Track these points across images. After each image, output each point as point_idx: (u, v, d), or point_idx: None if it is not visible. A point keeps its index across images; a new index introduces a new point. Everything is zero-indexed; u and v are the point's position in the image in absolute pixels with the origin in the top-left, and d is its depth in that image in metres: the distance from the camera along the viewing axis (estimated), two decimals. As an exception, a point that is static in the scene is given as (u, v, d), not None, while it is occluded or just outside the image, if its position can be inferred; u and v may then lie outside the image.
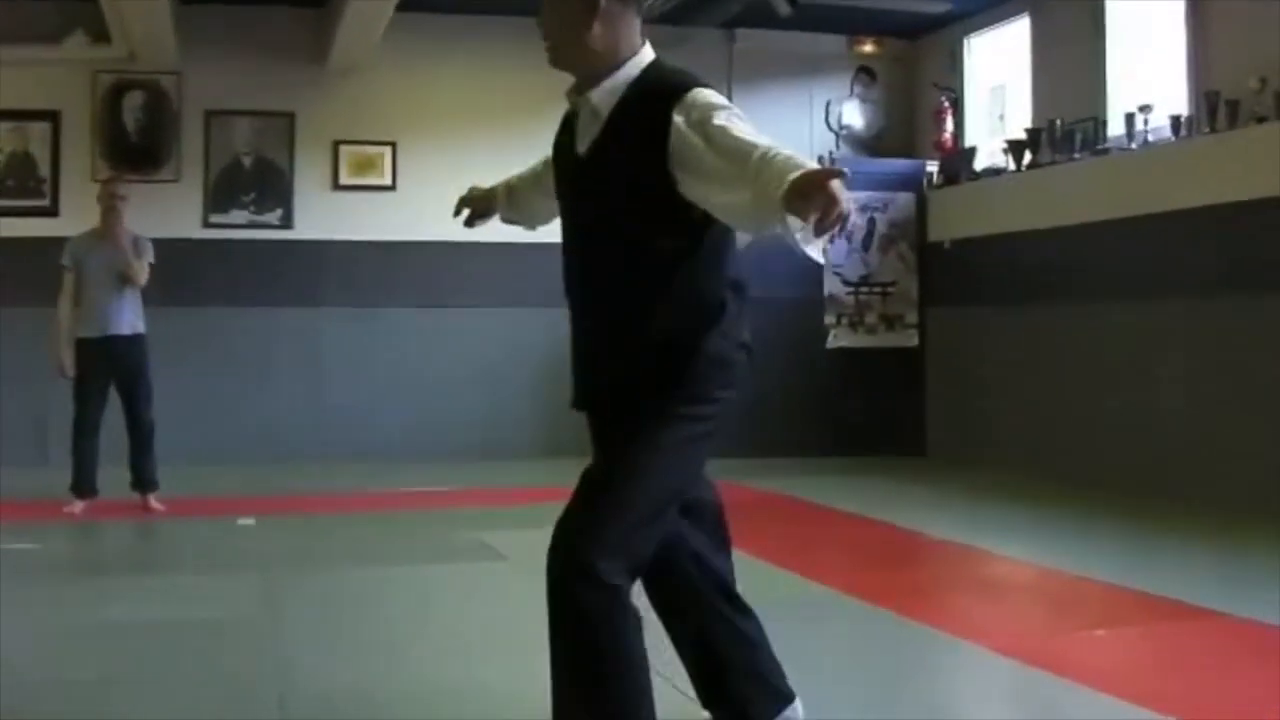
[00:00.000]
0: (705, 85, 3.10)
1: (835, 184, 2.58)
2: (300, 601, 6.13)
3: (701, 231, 3.13)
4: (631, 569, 3.05)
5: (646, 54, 3.23)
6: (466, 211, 4.02)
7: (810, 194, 2.61)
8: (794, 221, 2.69)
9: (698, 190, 3.01)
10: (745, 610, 3.64)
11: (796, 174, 2.66)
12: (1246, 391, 8.50)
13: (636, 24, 3.22)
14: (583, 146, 3.24)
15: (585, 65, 3.20)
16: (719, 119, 2.98)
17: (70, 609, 5.86)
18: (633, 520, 3.05)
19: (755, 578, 5.53)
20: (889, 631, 5.47)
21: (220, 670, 4.81)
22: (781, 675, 3.66)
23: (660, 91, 3.10)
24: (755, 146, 2.87)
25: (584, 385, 3.35)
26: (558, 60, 3.25)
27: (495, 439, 11.80)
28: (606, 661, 3.01)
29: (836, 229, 2.65)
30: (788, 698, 3.66)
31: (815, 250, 2.75)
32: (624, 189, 3.13)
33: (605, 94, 3.17)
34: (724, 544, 3.66)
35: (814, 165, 2.70)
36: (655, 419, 3.12)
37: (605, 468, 3.17)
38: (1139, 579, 6.24)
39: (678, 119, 3.01)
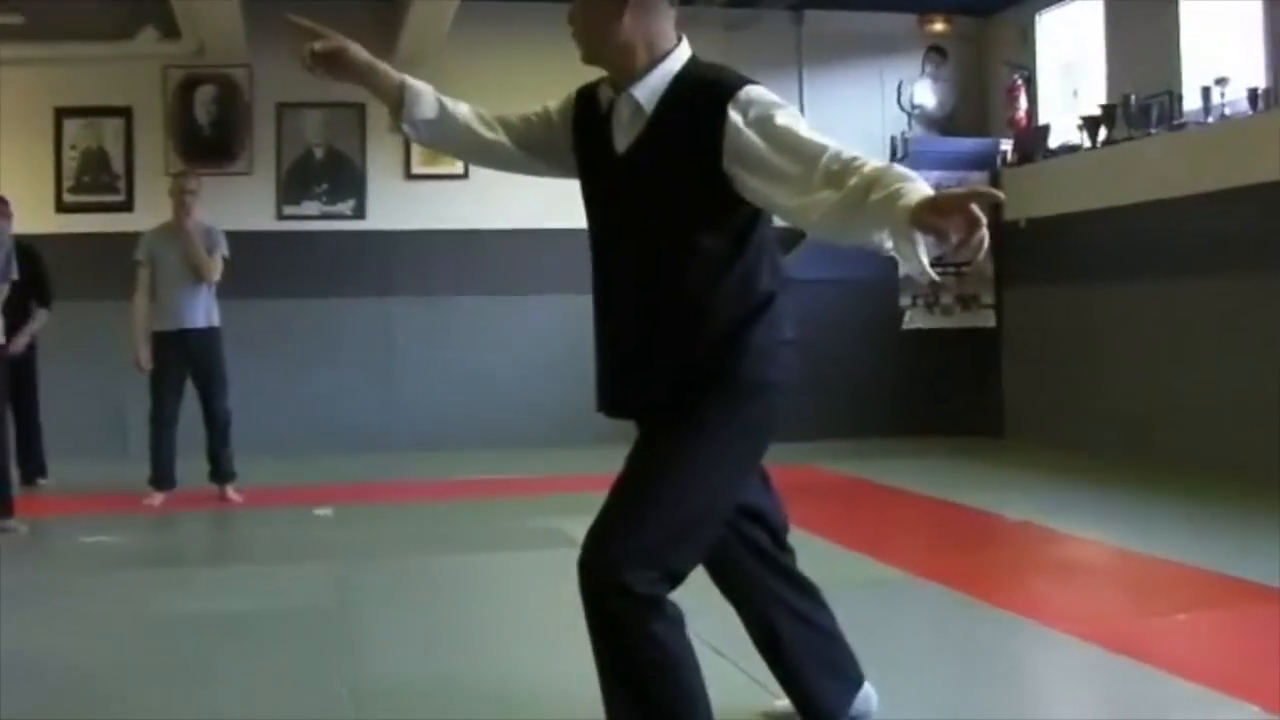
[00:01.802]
0: (754, 82, 3.03)
1: (976, 206, 2.48)
2: (375, 591, 6.15)
3: (749, 227, 3.07)
4: (668, 577, 2.94)
5: (684, 49, 3.13)
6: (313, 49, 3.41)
7: (952, 213, 2.50)
8: (920, 238, 2.57)
9: (761, 190, 2.93)
10: (809, 592, 3.59)
11: (934, 192, 2.57)
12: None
13: (671, 16, 3.13)
14: (623, 144, 3.12)
15: (618, 59, 3.10)
16: (781, 119, 2.92)
17: (146, 600, 5.91)
18: (668, 528, 2.95)
19: (829, 561, 5.51)
20: (964, 615, 5.41)
21: (292, 660, 4.83)
22: (852, 659, 3.62)
23: (711, 87, 3.02)
24: (825, 148, 2.83)
25: (619, 389, 3.22)
26: (588, 54, 3.15)
27: (570, 426, 11.73)
28: (645, 669, 2.95)
29: (977, 253, 2.50)
30: (857, 682, 3.62)
31: (930, 267, 2.62)
32: (671, 186, 3.03)
33: (648, 90, 3.07)
34: (781, 526, 3.60)
35: (918, 178, 2.63)
36: (696, 419, 3.03)
37: (641, 471, 3.05)
38: (1222, 561, 6.14)
39: (734, 116, 2.94)
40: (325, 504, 8.55)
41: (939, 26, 12.99)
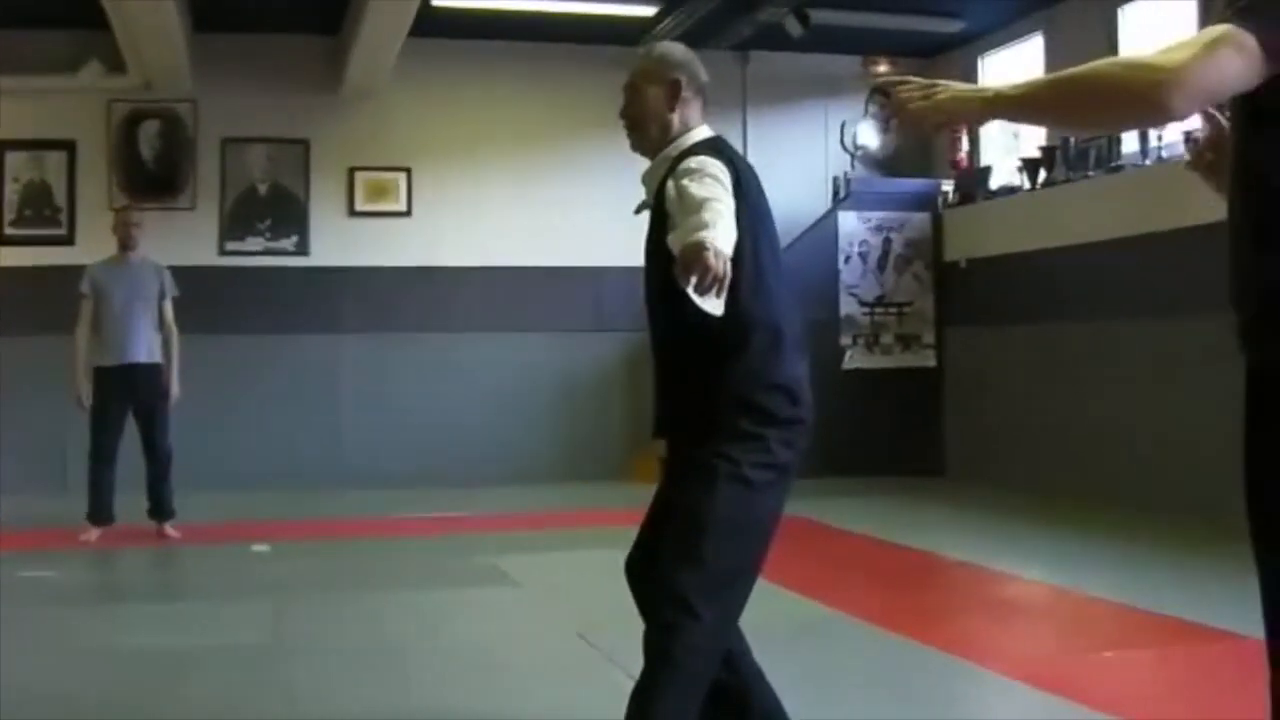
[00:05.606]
0: (712, 156, 3.28)
1: (709, 254, 2.79)
2: (311, 628, 6.13)
3: None
4: (713, 599, 3.23)
5: (698, 132, 3.50)
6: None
7: (688, 263, 2.81)
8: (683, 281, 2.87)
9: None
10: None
11: (684, 243, 2.88)
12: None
13: (699, 106, 3.55)
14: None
15: (658, 143, 3.49)
16: (686, 179, 3.17)
17: (82, 636, 5.88)
18: (705, 559, 3.24)
19: (765, 600, 5.51)
20: (899, 656, 5.44)
21: (226, 697, 4.82)
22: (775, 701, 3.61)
23: (675, 163, 3.31)
24: (699, 202, 3.04)
25: (656, 417, 3.54)
26: (639, 143, 3.54)
27: (510, 464, 11.79)
28: (668, 668, 3.18)
29: (715, 290, 2.84)
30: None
31: (709, 304, 2.93)
32: (656, 250, 3.31)
33: (653, 168, 3.48)
34: None
35: (704, 234, 2.86)
36: (699, 464, 3.31)
37: (668, 507, 3.39)
38: (1154, 599, 6.21)
39: (669, 184, 3.23)
40: (264, 540, 8.50)
41: (883, 68, 13.09)
